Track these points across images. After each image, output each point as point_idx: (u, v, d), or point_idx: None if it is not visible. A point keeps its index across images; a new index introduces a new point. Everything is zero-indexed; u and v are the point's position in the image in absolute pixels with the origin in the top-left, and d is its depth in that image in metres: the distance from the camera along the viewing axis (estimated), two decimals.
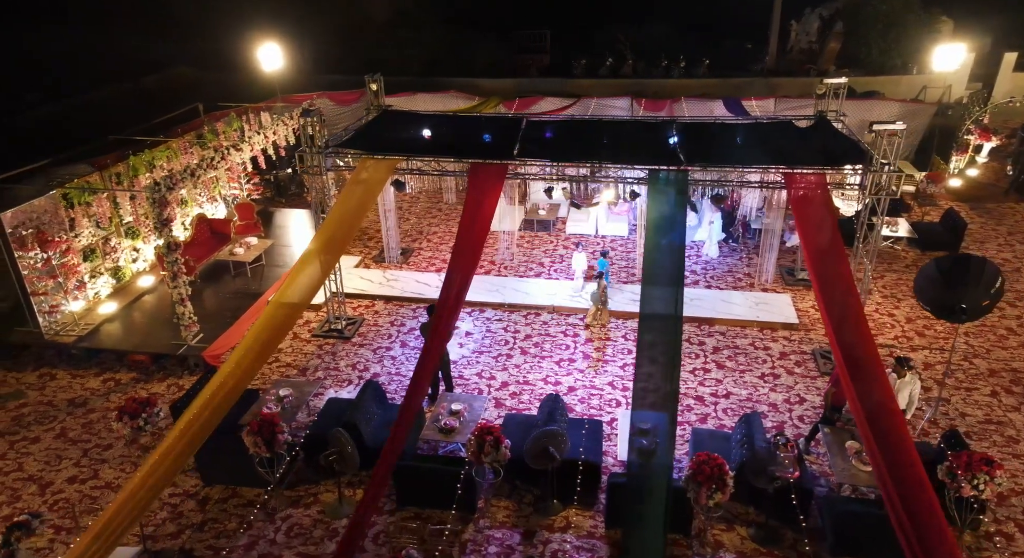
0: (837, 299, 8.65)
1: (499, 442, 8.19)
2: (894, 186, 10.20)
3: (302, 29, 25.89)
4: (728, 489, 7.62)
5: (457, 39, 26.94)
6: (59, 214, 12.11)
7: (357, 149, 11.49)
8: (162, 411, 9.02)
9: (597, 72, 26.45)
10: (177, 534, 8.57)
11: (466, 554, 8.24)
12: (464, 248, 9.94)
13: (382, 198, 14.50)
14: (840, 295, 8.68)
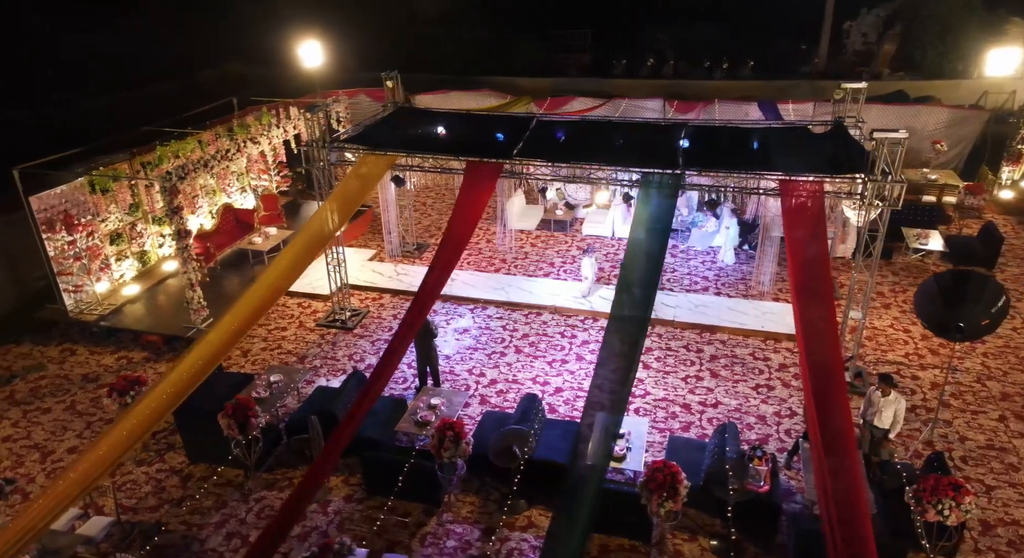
0: (814, 314, 8.38)
1: (459, 438, 8.29)
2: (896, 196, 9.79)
3: (349, 27, 26.52)
4: (680, 498, 7.52)
5: (498, 38, 27.10)
6: (86, 199, 12.78)
7: (359, 144, 11.74)
8: (145, 387, 9.45)
9: (637, 73, 26.18)
10: (156, 508, 9.00)
11: (424, 546, 8.37)
12: (449, 242, 10.09)
13: (383, 193, 14.70)
14: (818, 310, 8.41)
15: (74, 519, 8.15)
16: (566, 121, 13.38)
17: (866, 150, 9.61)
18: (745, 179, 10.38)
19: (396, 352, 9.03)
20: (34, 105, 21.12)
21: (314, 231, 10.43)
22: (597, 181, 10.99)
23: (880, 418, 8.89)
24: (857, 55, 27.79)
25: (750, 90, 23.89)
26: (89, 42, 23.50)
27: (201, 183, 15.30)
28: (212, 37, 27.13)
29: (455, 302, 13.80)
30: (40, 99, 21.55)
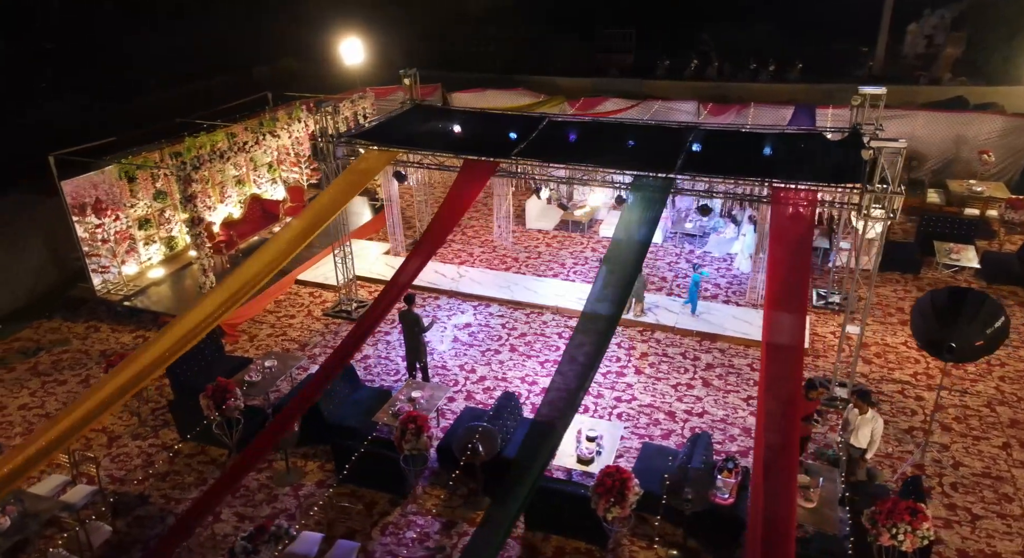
0: (784, 327, 8.16)
1: (420, 431, 8.43)
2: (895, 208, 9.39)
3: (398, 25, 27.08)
4: (628, 504, 7.45)
5: (541, 37, 27.13)
6: (114, 186, 13.50)
7: (364, 139, 12.02)
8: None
9: (681, 74, 25.74)
10: (143, 480, 9.48)
11: (384, 535, 8.54)
12: (431, 234, 10.28)
13: (387, 187, 14.88)
14: (789, 323, 8.18)
15: (61, 486, 8.68)
16: (578, 122, 13.34)
17: (863, 159, 9.24)
18: (737, 185, 10.13)
19: (357, 339, 9.26)
20: (103, 96, 22.31)
21: (308, 218, 10.72)
22: (590, 182, 10.91)
23: (856, 437, 8.58)
24: (919, 58, 26.57)
25: (796, 94, 23.20)
26: (160, 38, 24.73)
27: (231, 173, 15.93)
28: (270, 35, 28.08)
29: (460, 298, 13.96)
30: (109, 91, 22.73)
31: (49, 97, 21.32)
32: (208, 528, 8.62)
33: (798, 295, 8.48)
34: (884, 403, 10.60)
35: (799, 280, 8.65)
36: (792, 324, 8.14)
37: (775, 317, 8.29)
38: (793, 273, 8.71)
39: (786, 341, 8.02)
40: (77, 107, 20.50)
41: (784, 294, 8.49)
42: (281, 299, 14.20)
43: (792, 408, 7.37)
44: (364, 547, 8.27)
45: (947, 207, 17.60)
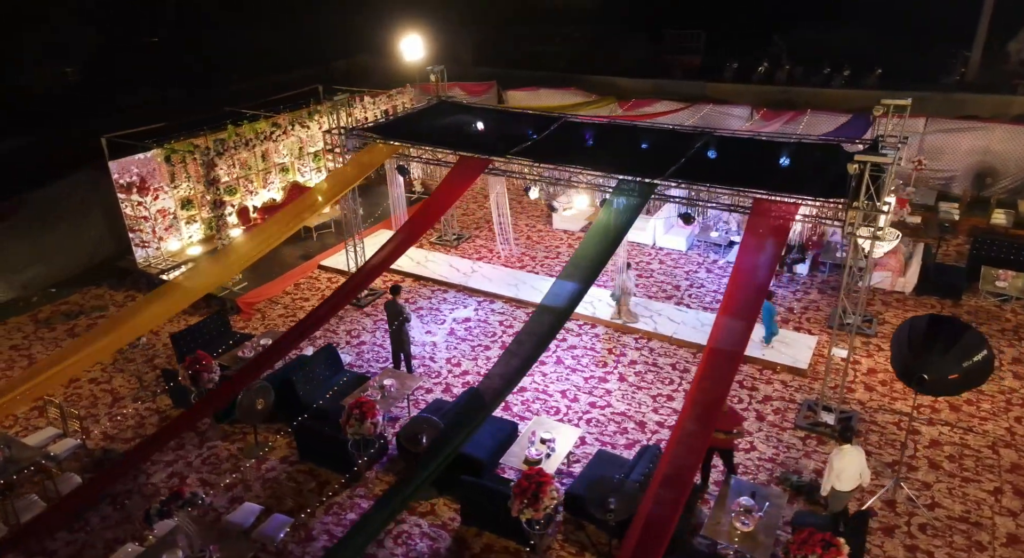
0: (730, 334, 7.92)
1: (364, 416, 8.70)
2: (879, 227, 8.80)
3: (467, 22, 27.57)
4: (541, 507, 7.42)
5: (608, 37, 26.84)
6: (157, 168, 14.55)
7: (371, 133, 12.41)
8: (144, 338, 10.75)
9: (749, 77, 24.79)
10: (130, 440, 10.26)
11: (326, 514, 8.87)
12: (415, 224, 10.57)
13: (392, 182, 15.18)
14: (736, 330, 7.94)
15: (52, 438, 9.54)
16: (593, 124, 13.22)
17: (848, 173, 8.70)
18: (714, 194, 9.77)
19: (318, 318, 9.63)
20: (190, 86, 23.98)
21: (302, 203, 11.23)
22: (576, 184, 10.82)
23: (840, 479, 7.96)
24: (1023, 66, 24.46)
25: (870, 101, 21.78)
26: (254, 34, 26.29)
27: (277, 160, 16.79)
28: (349, 32, 29.19)
29: (468, 293, 14.15)
30: (196, 82, 24.37)
31: (141, 85, 23.10)
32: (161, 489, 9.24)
33: (752, 306, 8.23)
34: (874, 434, 9.96)
35: (757, 291, 8.37)
36: (739, 332, 7.94)
37: (724, 323, 8.06)
38: (753, 283, 8.43)
39: (727, 347, 7.86)
40: (163, 95, 22.16)
41: (739, 302, 8.25)
42: (301, 282, 14.88)
43: (711, 413, 7.27)
44: (304, 524, 8.62)
45: (1013, 230, 16.18)
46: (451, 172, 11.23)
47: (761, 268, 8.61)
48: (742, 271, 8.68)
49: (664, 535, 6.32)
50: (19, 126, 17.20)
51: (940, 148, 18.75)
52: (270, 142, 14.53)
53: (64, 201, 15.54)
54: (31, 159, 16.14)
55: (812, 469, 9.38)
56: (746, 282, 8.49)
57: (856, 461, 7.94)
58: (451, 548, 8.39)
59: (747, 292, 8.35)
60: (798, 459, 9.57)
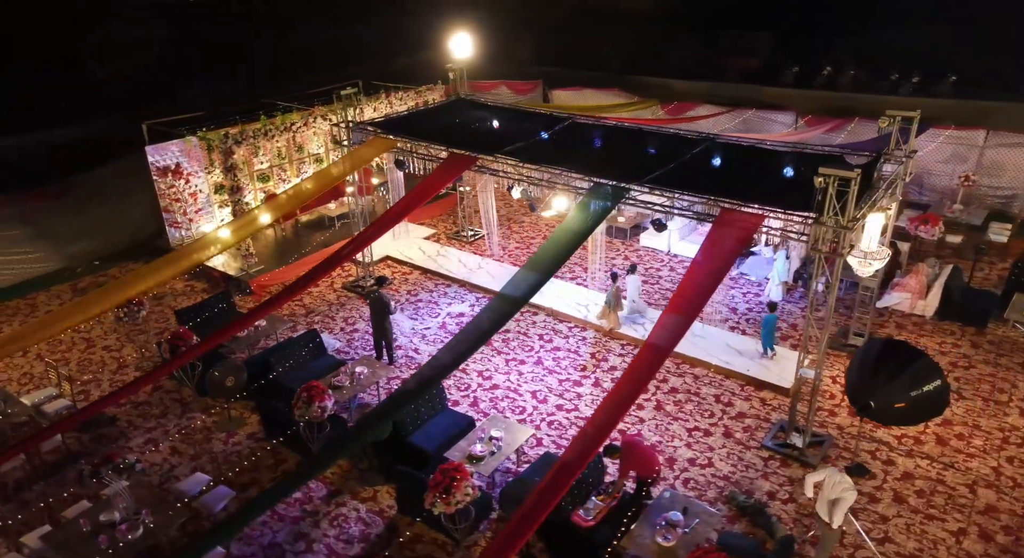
0: (667, 331, 7.93)
1: (312, 400, 9.02)
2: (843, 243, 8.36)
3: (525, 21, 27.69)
4: (451, 501, 7.50)
5: (665, 37, 26.30)
6: (190, 153, 15.45)
7: (374, 128, 12.76)
8: (144, 311, 11.50)
9: (810, 82, 23.75)
10: (123, 405, 11.02)
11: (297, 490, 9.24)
12: (389, 215, 10.93)
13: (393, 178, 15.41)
14: (673, 327, 7.92)
15: (47, 398, 10.38)
16: (600, 125, 13.13)
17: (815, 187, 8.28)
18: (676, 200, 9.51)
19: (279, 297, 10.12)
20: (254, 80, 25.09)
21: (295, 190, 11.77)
22: (554, 185, 10.77)
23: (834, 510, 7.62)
24: None
25: (940, 110, 20.39)
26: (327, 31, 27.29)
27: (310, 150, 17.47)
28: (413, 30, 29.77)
29: (468, 288, 14.32)
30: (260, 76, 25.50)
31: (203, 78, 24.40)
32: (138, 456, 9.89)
33: (696, 306, 8.19)
34: (844, 460, 9.45)
35: (705, 293, 8.31)
36: (675, 329, 7.91)
37: (667, 320, 8.05)
38: (704, 286, 8.31)
39: (661, 343, 7.90)
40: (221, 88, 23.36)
41: (687, 301, 8.19)
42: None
43: (620, 408, 7.42)
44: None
45: None
46: (438, 167, 11.44)
47: (712, 275, 8.44)
48: (696, 271, 8.60)
49: (536, 516, 6.53)
50: (83, 114, 18.55)
51: (1001, 164, 17.46)
52: (290, 133, 15.16)
53: (113, 183, 16.70)
54: (89, 143, 17.40)
55: (765, 491, 9.03)
56: (695, 284, 8.39)
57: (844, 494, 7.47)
58: (381, 534, 8.60)
59: (697, 291, 8.26)
60: (754, 479, 9.22)
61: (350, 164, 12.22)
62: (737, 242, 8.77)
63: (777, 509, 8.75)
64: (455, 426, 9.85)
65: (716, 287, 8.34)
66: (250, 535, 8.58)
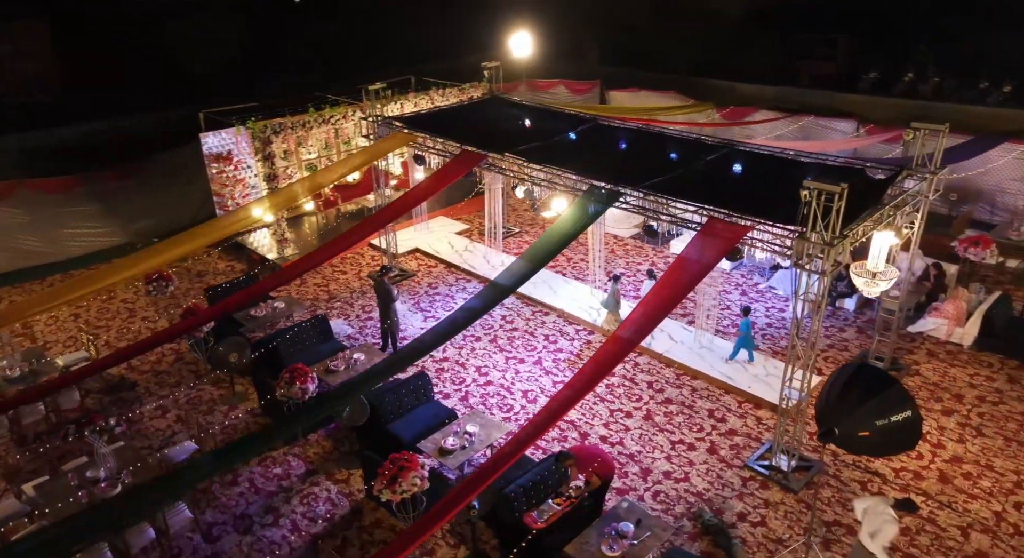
0: (636, 326, 7.98)
1: (294, 380, 9.40)
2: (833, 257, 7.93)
3: (592, 19, 27.46)
4: (398, 488, 7.66)
5: (735, 38, 25.43)
6: (239, 141, 16.33)
7: (399, 122, 13.09)
8: (172, 286, 12.27)
9: (889, 89, 22.40)
10: (145, 372, 11.84)
11: (256, 464, 9.72)
12: (390, 209, 11.24)
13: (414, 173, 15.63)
14: (643, 324, 7.99)
15: (77, 360, 11.28)
16: (621, 128, 12.95)
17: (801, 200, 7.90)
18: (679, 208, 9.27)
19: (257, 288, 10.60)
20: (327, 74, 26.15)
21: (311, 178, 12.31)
22: (554, 185, 10.73)
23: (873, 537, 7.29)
24: None
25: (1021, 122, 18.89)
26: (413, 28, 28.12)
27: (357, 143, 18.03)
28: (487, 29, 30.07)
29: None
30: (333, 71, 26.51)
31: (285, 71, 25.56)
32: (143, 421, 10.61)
33: (667, 308, 8.17)
34: (829, 489, 8.99)
35: (678, 296, 8.32)
36: (643, 326, 7.95)
37: (638, 315, 8.08)
38: (680, 287, 8.30)
39: (628, 337, 7.93)
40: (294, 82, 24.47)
41: (660, 300, 8.18)
42: (347, 256, 16.01)
43: (581, 394, 7.63)
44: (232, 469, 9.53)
45: None
46: (449, 162, 11.64)
47: (691, 276, 8.31)
48: (674, 272, 8.55)
49: (458, 501, 6.74)
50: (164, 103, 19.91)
51: None
52: (328, 125, 15.78)
53: (179, 166, 17.87)
54: (162, 130, 18.66)
55: (737, 511, 8.71)
56: (675, 281, 8.39)
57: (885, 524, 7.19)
58: (345, 516, 8.88)
59: (672, 292, 8.25)
60: (728, 499, 8.91)
61: (368, 156, 12.60)
62: (718, 252, 8.51)
63: (744, 532, 8.43)
64: (435, 418, 10.00)
65: (693, 286, 8.21)
66: (225, 504, 9.06)
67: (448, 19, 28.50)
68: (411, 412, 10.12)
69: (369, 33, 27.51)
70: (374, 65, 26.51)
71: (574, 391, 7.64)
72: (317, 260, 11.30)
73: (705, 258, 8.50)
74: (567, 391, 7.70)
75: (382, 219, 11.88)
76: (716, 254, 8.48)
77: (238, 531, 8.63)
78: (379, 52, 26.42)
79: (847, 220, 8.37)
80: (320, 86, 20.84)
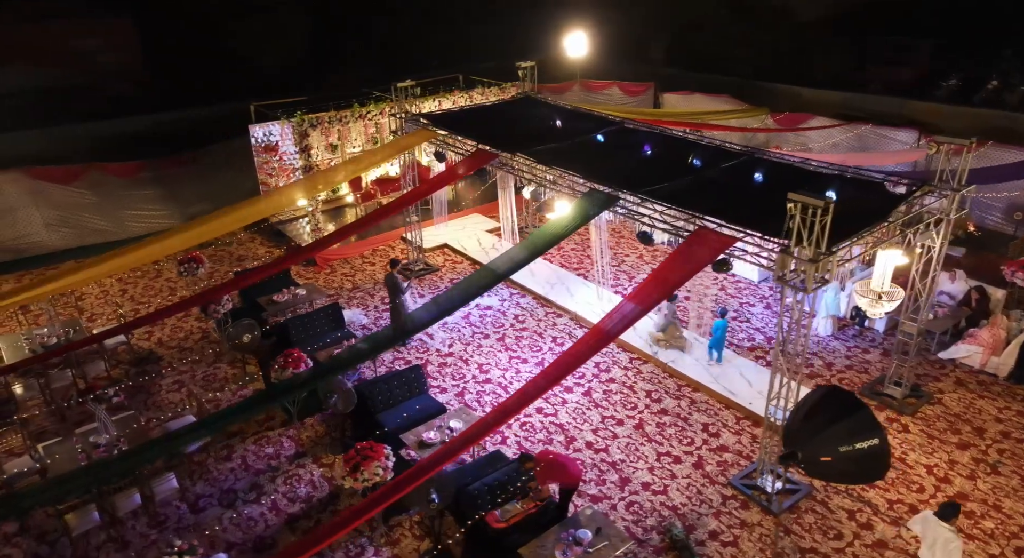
0: (617, 317, 8.07)
1: (287, 366, 9.79)
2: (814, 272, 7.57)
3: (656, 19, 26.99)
4: (360, 477, 7.87)
5: (806, 41, 24.43)
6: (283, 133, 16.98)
7: (427, 120, 13.34)
8: (202, 268, 12.95)
9: (969, 98, 21.04)
10: (172, 348, 12.56)
11: (253, 443, 10.15)
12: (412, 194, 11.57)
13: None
14: (625, 316, 8.03)
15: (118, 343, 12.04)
16: (644, 132, 12.73)
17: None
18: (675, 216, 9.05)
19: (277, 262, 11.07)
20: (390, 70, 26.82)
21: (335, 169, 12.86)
22: (558, 187, 10.68)
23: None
24: None
25: None
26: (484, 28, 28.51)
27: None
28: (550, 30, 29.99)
29: (507, 283, 14.48)
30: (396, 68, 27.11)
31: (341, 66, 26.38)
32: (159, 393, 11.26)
33: (651, 303, 8.22)
34: (812, 515, 8.60)
35: (662, 294, 8.49)
36: (624, 318, 8.01)
37: (623, 306, 8.17)
38: (664, 285, 8.34)
39: (609, 329, 8.03)
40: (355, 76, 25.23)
41: (646, 294, 8.23)
42: (379, 249, 16.43)
43: (551, 383, 7.93)
44: (229, 445, 10.00)
45: None
46: (463, 159, 11.79)
47: (669, 283, 8.29)
48: (663, 271, 8.56)
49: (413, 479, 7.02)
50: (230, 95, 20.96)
51: None
52: (364, 121, 16.24)
53: (232, 156, 18.79)
54: (226, 121, 19.65)
55: (710, 529, 8.46)
56: (662, 277, 8.43)
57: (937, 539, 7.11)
58: (322, 500, 9.17)
59: (658, 288, 8.32)
60: (703, 515, 8.67)
61: (391, 150, 12.90)
62: (702, 261, 8.31)
63: (713, 551, 8.18)
64: (423, 411, 10.15)
65: (673, 288, 8.73)
66: (216, 477, 9.52)
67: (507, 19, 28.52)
68: (402, 404, 10.31)
69: (431, 32, 27.93)
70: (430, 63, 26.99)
71: (538, 385, 7.79)
72: (326, 243, 11.68)
73: (690, 265, 8.32)
74: (533, 383, 7.83)
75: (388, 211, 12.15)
76: (700, 262, 8.28)
77: (222, 504, 9.05)
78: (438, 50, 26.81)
79: (843, 235, 8.00)
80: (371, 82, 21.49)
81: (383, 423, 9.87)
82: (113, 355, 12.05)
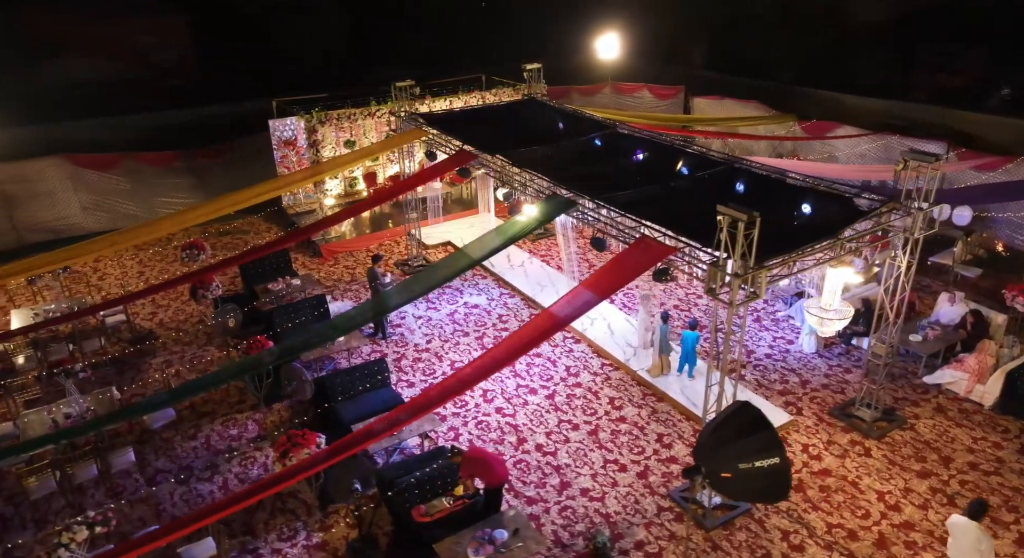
0: (567, 302, 8.23)
1: (249, 351, 10.22)
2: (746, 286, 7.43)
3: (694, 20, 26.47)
4: (287, 462, 8.17)
5: (848, 47, 23.52)
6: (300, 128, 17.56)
7: (423, 120, 13.60)
8: (203, 255, 13.60)
9: (1018, 108, 19.83)
10: (171, 329, 13.24)
11: (220, 425, 10.63)
12: (382, 189, 11.78)
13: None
14: (576, 303, 8.17)
15: (114, 311, 12.83)
16: (635, 137, 12.64)
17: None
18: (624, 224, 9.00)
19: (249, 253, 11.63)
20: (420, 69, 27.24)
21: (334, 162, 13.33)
22: (527, 191, 10.75)
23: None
24: None
25: None
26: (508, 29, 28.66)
27: None
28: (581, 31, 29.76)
29: (500, 283, 14.63)
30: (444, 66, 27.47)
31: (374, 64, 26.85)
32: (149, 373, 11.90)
33: (586, 306, 8.26)
34: (744, 533, 8.43)
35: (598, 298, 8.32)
36: (577, 305, 8.14)
37: (577, 293, 8.33)
38: (599, 290, 8.38)
39: (559, 313, 8.18)
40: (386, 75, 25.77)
41: (596, 285, 8.37)
42: (384, 243, 16.81)
43: (491, 369, 8.03)
44: (197, 425, 10.51)
45: None
46: (446, 158, 12.01)
47: (603, 288, 8.31)
48: (600, 274, 8.66)
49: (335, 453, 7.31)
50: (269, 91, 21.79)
51: None
52: (374, 119, 16.65)
53: (258, 149, 19.55)
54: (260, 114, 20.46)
55: (637, 539, 8.41)
56: (611, 270, 8.58)
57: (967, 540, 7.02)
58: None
59: (606, 283, 8.43)
60: (635, 525, 8.62)
61: (382, 147, 13.26)
62: (637, 269, 8.28)
63: None
64: (384, 404, 10.38)
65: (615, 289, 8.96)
66: (178, 454, 10.04)
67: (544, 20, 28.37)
68: (363, 395, 10.60)
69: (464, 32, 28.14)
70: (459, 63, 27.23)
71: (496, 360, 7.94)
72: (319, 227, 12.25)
73: (628, 270, 8.31)
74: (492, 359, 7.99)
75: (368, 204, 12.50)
76: (637, 269, 8.28)
77: (177, 481, 9.54)
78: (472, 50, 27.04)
79: (781, 250, 7.82)
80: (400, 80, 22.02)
81: (339, 412, 10.18)
82: (115, 332, 12.81)
